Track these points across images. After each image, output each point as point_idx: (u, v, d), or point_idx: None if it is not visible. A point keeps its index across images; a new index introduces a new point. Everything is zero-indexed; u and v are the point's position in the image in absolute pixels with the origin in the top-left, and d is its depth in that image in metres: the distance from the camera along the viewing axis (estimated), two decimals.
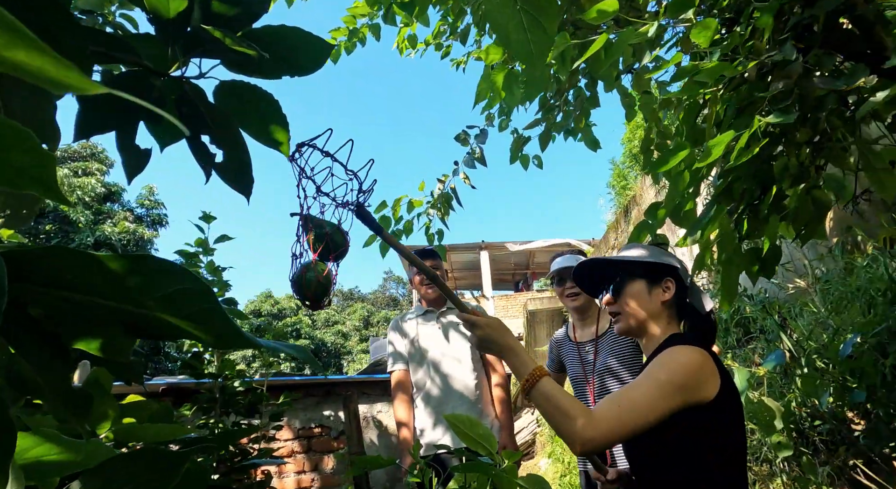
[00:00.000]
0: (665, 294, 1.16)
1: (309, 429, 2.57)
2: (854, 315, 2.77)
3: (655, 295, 1.17)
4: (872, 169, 1.58)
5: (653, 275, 1.18)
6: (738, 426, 1.05)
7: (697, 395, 0.99)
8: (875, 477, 1.84)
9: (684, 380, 0.97)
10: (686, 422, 1.00)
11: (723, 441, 1.00)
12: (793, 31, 1.36)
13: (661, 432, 1.01)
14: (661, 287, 1.17)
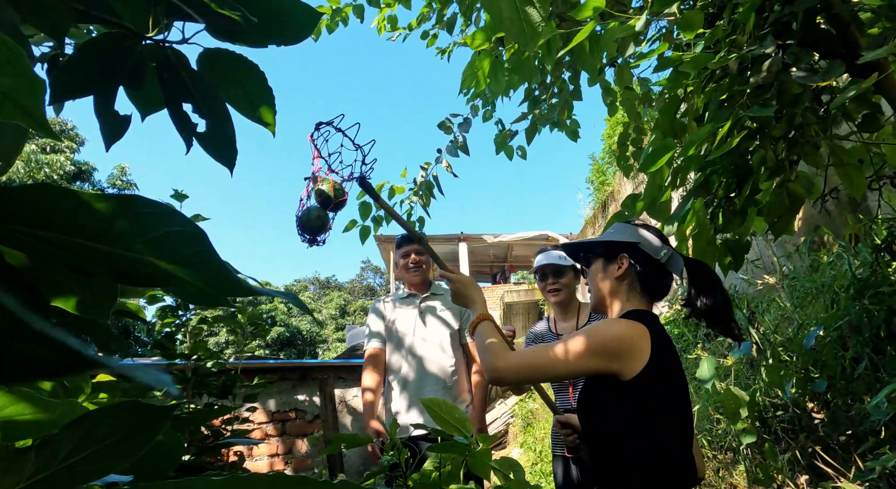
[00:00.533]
0: (619, 270, 1.22)
1: (283, 412, 2.56)
2: (818, 310, 2.88)
3: (611, 271, 1.23)
4: (842, 166, 1.63)
5: (609, 253, 1.25)
6: (671, 404, 1.08)
7: (615, 365, 1.05)
8: (832, 462, 1.92)
9: (601, 346, 1.05)
10: (615, 394, 1.07)
11: (649, 416, 1.05)
12: (773, 27, 1.40)
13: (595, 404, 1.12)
14: (616, 263, 1.23)
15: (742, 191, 1.47)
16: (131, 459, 0.43)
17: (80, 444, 0.39)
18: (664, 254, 1.19)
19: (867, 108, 1.63)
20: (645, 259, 1.20)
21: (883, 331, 2.21)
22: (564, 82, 3.14)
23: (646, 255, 1.20)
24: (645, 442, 1.04)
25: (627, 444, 1.05)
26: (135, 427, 0.40)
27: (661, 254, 1.19)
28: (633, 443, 1.05)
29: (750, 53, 1.33)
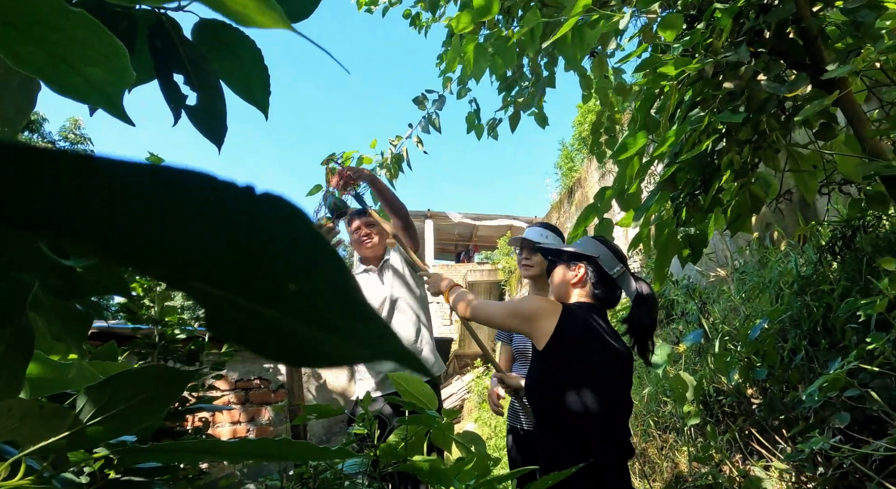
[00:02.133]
0: (575, 277, 1.43)
1: (247, 380, 2.57)
2: (763, 303, 3.06)
3: (568, 276, 1.45)
4: (798, 170, 1.74)
5: (571, 261, 1.46)
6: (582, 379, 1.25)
7: (525, 327, 1.34)
8: (766, 443, 2.09)
9: (517, 309, 1.37)
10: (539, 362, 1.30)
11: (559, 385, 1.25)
12: (747, 35, 1.46)
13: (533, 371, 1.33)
14: (573, 270, 1.44)
15: (708, 190, 1.56)
16: (154, 419, 0.46)
17: (109, 404, 0.42)
18: (617, 272, 1.40)
19: (824, 117, 1.74)
20: (599, 272, 1.41)
21: (819, 325, 2.38)
22: (540, 68, 3.17)
23: (601, 269, 1.41)
24: (565, 408, 1.22)
25: (551, 410, 1.25)
26: (158, 389, 0.43)
27: (615, 270, 1.40)
28: (555, 410, 1.24)
29: (725, 59, 1.40)
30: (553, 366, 1.26)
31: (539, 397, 1.29)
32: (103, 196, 0.13)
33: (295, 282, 0.15)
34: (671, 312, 4.62)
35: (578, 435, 1.21)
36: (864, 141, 1.40)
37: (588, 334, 1.30)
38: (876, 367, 1.36)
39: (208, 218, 0.13)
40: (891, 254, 1.96)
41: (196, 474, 1.85)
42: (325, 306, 0.15)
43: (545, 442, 1.28)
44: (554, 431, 1.25)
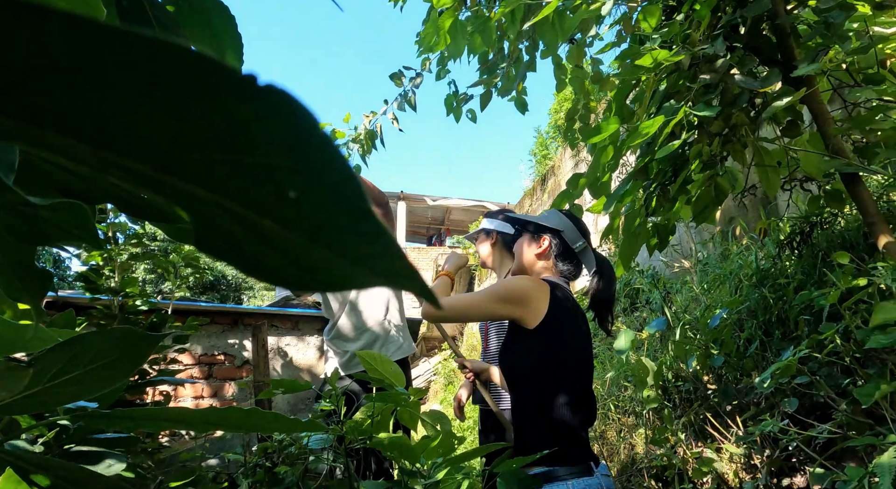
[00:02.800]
0: (539, 248, 1.44)
1: (211, 355, 2.52)
2: (723, 294, 3.17)
3: (532, 248, 1.46)
4: (763, 165, 1.79)
5: (535, 232, 1.47)
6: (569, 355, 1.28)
7: (517, 311, 1.27)
8: (719, 427, 2.18)
9: (507, 294, 1.28)
10: (523, 343, 1.28)
11: (551, 364, 1.25)
12: (724, 29, 1.49)
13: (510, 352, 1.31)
14: (538, 242, 1.45)
15: (676, 180, 1.59)
16: (118, 382, 0.44)
17: (70, 365, 0.40)
18: (579, 246, 1.42)
19: (791, 115, 1.79)
20: (563, 245, 1.43)
21: (775, 317, 2.49)
22: (521, 51, 3.16)
23: (564, 242, 1.43)
24: (549, 387, 1.23)
25: (534, 387, 1.25)
26: (122, 352, 0.42)
27: (577, 244, 1.42)
28: (537, 386, 1.24)
29: (702, 52, 1.42)
30: (543, 344, 1.26)
31: (527, 375, 1.27)
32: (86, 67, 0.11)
33: (296, 189, 0.13)
34: (636, 301, 4.74)
35: (562, 409, 1.23)
36: (828, 139, 1.45)
37: (572, 311, 1.33)
38: (825, 356, 1.42)
39: (204, 105, 0.12)
40: (845, 250, 2.05)
41: (156, 448, 1.82)
42: (329, 218, 0.14)
43: (525, 419, 1.28)
44: (537, 408, 1.25)
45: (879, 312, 1.17)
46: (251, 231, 0.14)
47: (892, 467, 0.82)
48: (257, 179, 0.13)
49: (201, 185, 0.13)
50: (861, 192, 1.41)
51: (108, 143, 0.13)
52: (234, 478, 1.49)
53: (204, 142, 0.13)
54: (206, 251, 0.15)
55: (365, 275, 0.16)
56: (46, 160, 0.33)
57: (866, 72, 1.62)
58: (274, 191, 0.13)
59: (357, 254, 0.15)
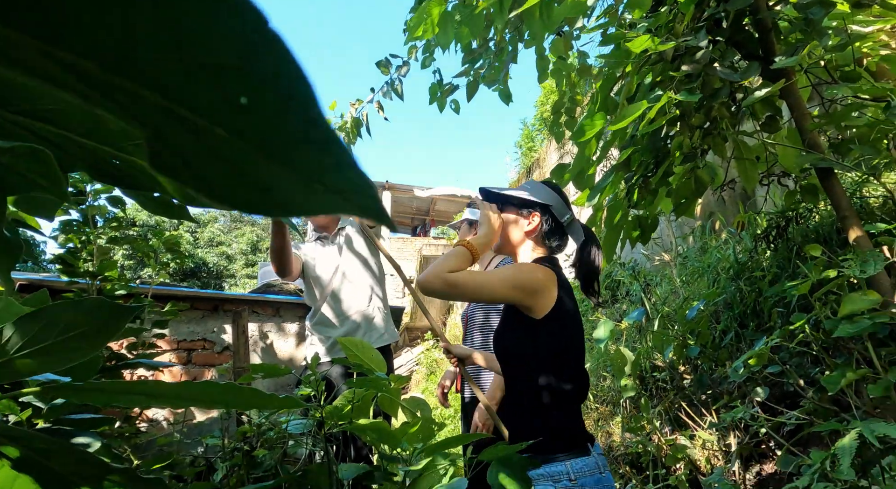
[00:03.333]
0: (529, 225, 1.37)
1: (190, 341, 2.50)
2: (702, 287, 3.23)
3: (521, 224, 1.39)
4: (742, 159, 1.82)
5: (522, 208, 1.39)
6: (572, 342, 1.27)
7: (529, 300, 1.23)
8: (693, 415, 2.23)
9: (519, 281, 1.23)
10: (527, 332, 1.25)
11: (556, 352, 1.24)
12: (707, 22, 1.50)
13: (511, 341, 1.29)
14: (527, 218, 1.38)
15: (657, 171, 1.61)
16: (89, 355, 0.44)
17: (40, 335, 0.40)
18: (567, 219, 1.38)
19: (770, 110, 1.83)
20: (552, 219, 1.38)
21: (750, 309, 2.54)
22: (506, 42, 3.16)
23: (553, 216, 1.38)
24: (550, 373, 1.22)
25: (533, 373, 1.23)
26: (95, 322, 0.41)
27: (565, 217, 1.38)
28: (536, 373, 1.23)
29: (685, 43, 1.43)
30: (548, 334, 1.24)
31: (527, 362, 1.26)
32: None
33: (246, 93, 0.13)
34: (616, 293, 4.81)
35: (559, 393, 1.23)
36: (804, 133, 1.48)
37: (573, 298, 1.32)
38: (795, 346, 1.46)
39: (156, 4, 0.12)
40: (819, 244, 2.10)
41: (133, 432, 1.80)
42: (280, 125, 0.14)
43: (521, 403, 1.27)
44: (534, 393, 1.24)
45: (848, 303, 1.21)
46: (202, 143, 0.14)
47: (853, 449, 0.85)
48: (207, 82, 0.13)
49: (150, 87, 0.13)
50: (834, 187, 1.44)
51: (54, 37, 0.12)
52: (212, 462, 1.49)
53: (150, 39, 0.12)
54: (158, 169, 0.15)
55: (319, 194, 0.15)
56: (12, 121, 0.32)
57: (843, 69, 1.65)
58: (223, 96, 0.13)
59: (309, 168, 0.15)
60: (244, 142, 0.14)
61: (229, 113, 0.13)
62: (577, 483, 1.13)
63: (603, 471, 1.17)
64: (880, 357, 1.25)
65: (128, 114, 0.14)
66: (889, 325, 1.24)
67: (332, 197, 0.15)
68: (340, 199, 0.15)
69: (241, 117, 0.13)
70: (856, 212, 1.51)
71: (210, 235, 24.33)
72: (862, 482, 0.98)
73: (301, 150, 0.14)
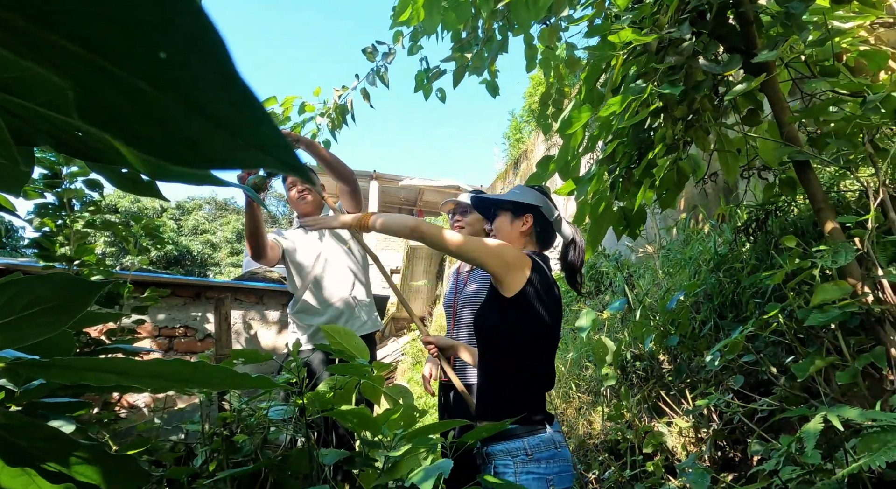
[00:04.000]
0: (523, 226, 1.49)
1: (172, 328, 2.48)
2: (683, 279, 3.27)
3: (516, 226, 1.51)
4: (724, 152, 1.84)
5: (516, 211, 1.51)
6: (542, 324, 1.36)
7: (500, 271, 1.34)
8: (671, 403, 2.27)
9: (500, 251, 1.35)
10: (500, 311, 1.35)
11: (526, 331, 1.34)
12: (691, 14, 1.51)
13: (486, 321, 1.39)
14: (521, 220, 1.50)
15: (640, 162, 1.62)
16: (56, 329, 0.44)
17: (4, 309, 0.39)
18: (555, 217, 1.52)
19: (752, 103, 1.85)
20: (543, 220, 1.51)
21: (729, 300, 2.59)
22: (494, 32, 3.14)
23: (544, 217, 1.50)
24: (520, 355, 1.33)
25: (506, 355, 1.34)
26: (62, 298, 0.41)
27: (554, 216, 1.51)
28: (510, 355, 1.33)
29: (669, 35, 1.44)
30: (517, 312, 1.34)
31: (498, 339, 1.37)
32: None
33: (165, 49, 0.14)
34: (600, 284, 4.86)
35: (526, 375, 1.33)
36: (783, 126, 1.50)
37: (548, 285, 1.41)
38: (769, 335, 1.50)
39: None
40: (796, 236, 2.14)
41: (112, 418, 1.79)
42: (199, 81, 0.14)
43: (490, 381, 1.37)
44: (506, 375, 1.34)
45: (820, 293, 1.24)
46: (128, 97, 0.15)
47: (817, 433, 0.88)
48: (126, 36, 0.13)
49: (73, 40, 0.13)
50: (811, 180, 1.47)
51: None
52: (192, 447, 1.49)
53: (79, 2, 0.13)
54: (89, 121, 0.16)
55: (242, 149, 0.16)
56: None
57: (823, 64, 1.67)
58: (144, 50, 0.14)
59: (230, 123, 0.15)
60: (166, 96, 0.14)
61: (150, 67, 0.14)
62: (533, 457, 1.24)
63: (559, 446, 1.28)
64: (849, 345, 1.28)
65: (54, 66, 0.14)
66: (859, 315, 1.27)
67: (254, 152, 0.16)
68: (261, 154, 0.16)
69: (162, 72, 0.14)
70: (831, 204, 1.54)
71: (195, 223, 24.05)
72: (828, 465, 1.01)
73: (220, 106, 0.15)
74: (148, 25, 0.13)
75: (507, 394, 1.34)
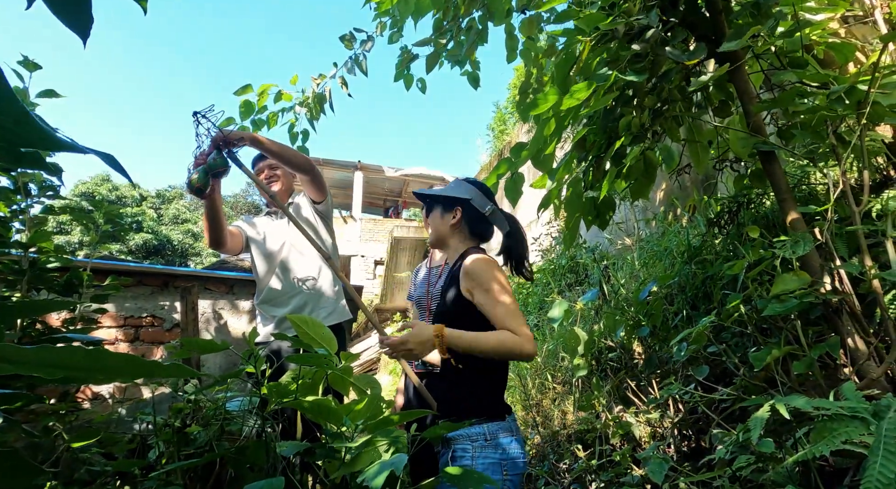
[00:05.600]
0: (453, 219, 1.53)
1: (138, 318, 2.42)
2: (659, 270, 3.29)
3: (446, 219, 1.54)
4: (694, 143, 1.84)
5: (447, 205, 1.55)
6: None
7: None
8: (640, 394, 2.29)
9: (500, 274, 1.38)
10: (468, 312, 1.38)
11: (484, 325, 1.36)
12: (660, 1, 1.50)
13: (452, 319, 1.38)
14: (451, 213, 1.53)
15: (608, 151, 1.61)
16: None
17: None
18: (489, 210, 1.52)
19: (724, 95, 1.84)
20: (474, 212, 1.52)
21: (701, 292, 2.60)
22: (473, 20, 3.11)
23: (475, 209, 1.52)
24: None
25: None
26: None
27: (487, 209, 1.52)
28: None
29: (637, 22, 1.42)
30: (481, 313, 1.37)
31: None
32: None
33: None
34: (579, 275, 4.87)
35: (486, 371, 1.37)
36: (750, 116, 1.49)
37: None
38: (731, 324, 1.50)
39: None
40: (767, 229, 2.16)
41: (69, 410, 1.75)
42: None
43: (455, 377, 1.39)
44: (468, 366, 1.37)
45: (779, 283, 1.24)
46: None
47: (763, 420, 0.88)
48: None
49: None
50: (775, 170, 1.47)
51: None
52: (147, 439, 1.45)
53: None
54: None
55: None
56: None
57: (793, 55, 1.67)
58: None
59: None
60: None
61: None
62: (491, 442, 1.29)
63: (515, 434, 1.33)
64: (808, 336, 1.29)
65: None
66: (817, 305, 1.27)
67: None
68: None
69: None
70: (799, 199, 1.55)
71: (175, 212, 23.67)
72: (779, 454, 1.02)
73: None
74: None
75: (469, 385, 1.37)
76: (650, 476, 1.27)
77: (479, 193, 1.54)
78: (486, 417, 1.32)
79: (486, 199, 1.54)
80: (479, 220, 1.53)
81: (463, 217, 1.53)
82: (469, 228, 1.54)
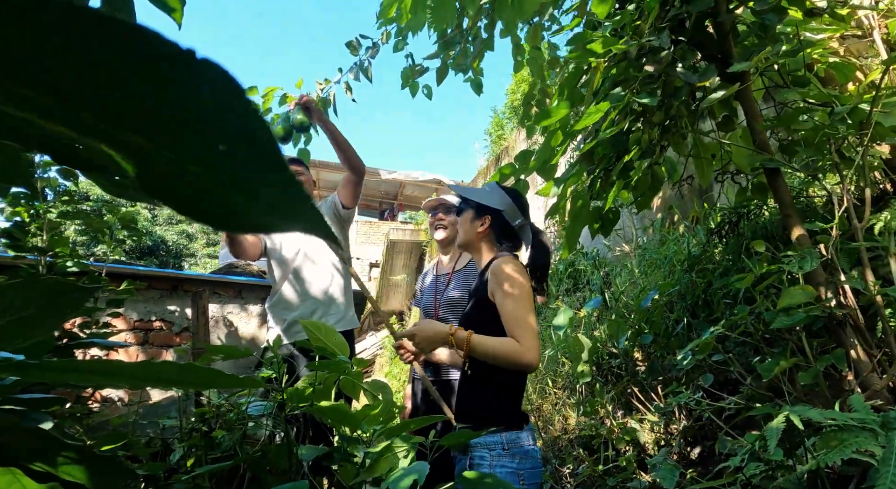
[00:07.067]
0: (481, 227, 1.52)
1: (147, 321, 2.44)
2: (658, 278, 3.35)
3: (475, 225, 1.54)
4: (699, 157, 1.89)
5: (478, 210, 1.54)
6: None
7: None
8: (643, 400, 2.33)
9: (526, 282, 1.38)
10: (493, 317, 1.37)
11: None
12: (671, 22, 1.55)
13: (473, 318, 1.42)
14: (481, 221, 1.53)
15: (616, 165, 1.66)
16: (41, 336, 0.44)
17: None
18: (518, 223, 1.52)
19: (727, 110, 1.90)
20: (503, 223, 1.52)
21: (701, 300, 2.66)
22: (479, 30, 3.16)
23: (504, 221, 1.51)
24: None
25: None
26: (49, 304, 0.42)
27: (517, 222, 1.52)
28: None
29: (648, 43, 1.48)
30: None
31: None
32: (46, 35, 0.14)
33: (225, 144, 0.16)
34: (578, 281, 4.93)
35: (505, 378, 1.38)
36: (756, 134, 1.55)
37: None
38: (737, 335, 1.55)
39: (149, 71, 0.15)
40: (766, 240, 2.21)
41: (85, 412, 1.77)
42: (249, 169, 0.17)
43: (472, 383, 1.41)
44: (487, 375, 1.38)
45: (786, 297, 1.29)
46: (183, 175, 0.17)
47: (780, 430, 0.93)
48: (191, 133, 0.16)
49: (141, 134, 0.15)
50: (780, 186, 1.52)
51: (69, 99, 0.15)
52: (169, 442, 1.48)
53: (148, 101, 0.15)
54: (147, 192, 0.18)
55: (279, 219, 0.19)
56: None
57: (795, 74, 1.73)
58: (205, 144, 0.16)
59: (270, 202, 0.18)
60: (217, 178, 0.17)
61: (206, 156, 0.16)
62: (508, 451, 1.30)
63: (533, 444, 1.34)
64: (812, 347, 1.34)
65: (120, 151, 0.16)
66: (822, 318, 1.33)
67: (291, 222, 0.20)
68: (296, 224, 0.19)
69: (216, 159, 0.16)
70: (798, 211, 1.60)
71: (170, 213, 23.55)
72: (789, 462, 1.06)
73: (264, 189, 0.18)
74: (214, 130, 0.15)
75: (487, 393, 1.38)
76: (661, 482, 1.31)
77: (512, 205, 1.52)
78: (505, 426, 1.33)
79: (517, 213, 1.53)
80: (507, 232, 1.53)
81: (491, 226, 1.52)
82: (496, 237, 1.54)
